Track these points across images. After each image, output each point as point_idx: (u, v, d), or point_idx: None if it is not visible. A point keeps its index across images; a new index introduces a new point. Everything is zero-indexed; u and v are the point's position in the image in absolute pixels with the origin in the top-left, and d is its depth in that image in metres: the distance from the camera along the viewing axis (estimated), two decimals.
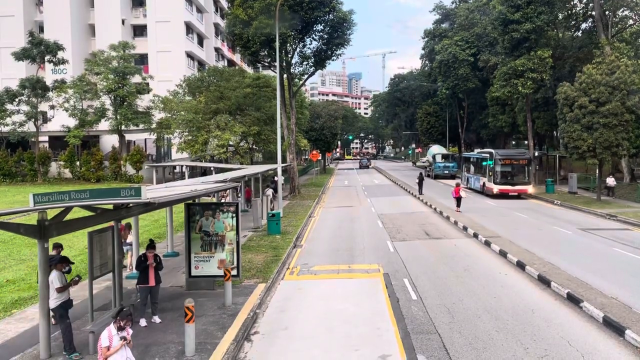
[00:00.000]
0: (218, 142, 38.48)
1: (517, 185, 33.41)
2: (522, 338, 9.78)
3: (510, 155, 34.77)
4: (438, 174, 52.70)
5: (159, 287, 10.92)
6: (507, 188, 33.25)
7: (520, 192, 33.55)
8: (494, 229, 21.49)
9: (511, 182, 33.51)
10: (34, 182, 42.41)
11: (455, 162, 54.09)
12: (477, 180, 37.67)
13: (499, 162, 33.41)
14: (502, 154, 34.64)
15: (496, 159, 33.55)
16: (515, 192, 33.37)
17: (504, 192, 33.17)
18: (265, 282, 13.76)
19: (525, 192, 33.54)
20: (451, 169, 53.13)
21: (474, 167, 39.62)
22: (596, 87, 28.10)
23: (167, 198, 8.57)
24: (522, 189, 33.51)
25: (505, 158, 33.89)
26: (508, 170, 33.81)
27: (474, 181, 38.72)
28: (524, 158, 34.31)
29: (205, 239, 13.05)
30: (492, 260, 16.56)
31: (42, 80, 42.82)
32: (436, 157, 54.33)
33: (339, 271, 15.45)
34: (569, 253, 17.05)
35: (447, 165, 53.58)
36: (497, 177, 33.52)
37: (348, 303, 12.28)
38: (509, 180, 33.57)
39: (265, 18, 32.72)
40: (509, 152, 36.60)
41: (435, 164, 53.90)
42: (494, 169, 33.54)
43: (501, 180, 33.47)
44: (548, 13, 37.63)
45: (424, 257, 16.99)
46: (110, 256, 11.03)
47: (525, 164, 33.94)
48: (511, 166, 33.81)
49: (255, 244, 19.36)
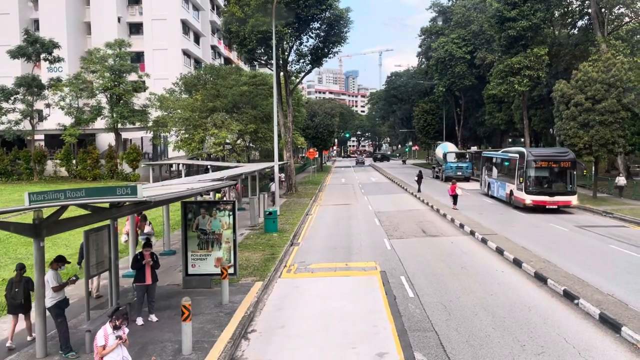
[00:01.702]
0: (215, 140, 38.40)
1: (557, 195, 26.06)
2: (518, 335, 9.80)
3: (547, 156, 26.83)
4: (450, 175, 45.50)
5: (155, 286, 10.90)
6: (543, 199, 25.98)
7: (561, 204, 26.16)
8: (490, 227, 21.53)
9: (549, 192, 26.17)
10: (30, 180, 42.24)
11: (470, 162, 47.72)
12: (502, 187, 30.51)
13: (533, 164, 26.14)
14: (537, 154, 27.22)
15: (529, 160, 26.28)
16: (554, 204, 25.98)
17: (539, 204, 25.99)
18: (263, 280, 13.74)
19: (568, 204, 26.18)
20: (465, 170, 46.52)
21: (498, 170, 32.22)
22: (592, 84, 28.14)
23: (163, 196, 8.53)
24: (563, 201, 26.06)
25: (541, 159, 26.33)
26: (545, 175, 26.44)
27: (498, 188, 31.66)
28: (566, 159, 26.21)
29: (202, 237, 13.03)
30: (488, 257, 16.59)
31: (38, 78, 42.58)
32: (447, 157, 47.60)
33: (336, 269, 15.45)
34: (565, 250, 17.10)
35: (460, 165, 46.76)
36: (531, 184, 26.27)
37: (345, 301, 12.28)
38: (545, 189, 26.28)
39: (262, 15, 32.63)
40: (545, 152, 28.26)
41: (446, 164, 47.11)
42: (527, 173, 26.26)
43: (536, 188, 26.23)
44: (544, 10, 37.72)
45: (421, 255, 17.00)
46: (106, 255, 11.04)
47: (568, 166, 26.10)
48: (549, 170, 26.30)
49: (252, 242, 19.34)
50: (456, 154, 48.68)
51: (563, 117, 29.26)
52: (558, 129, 30.13)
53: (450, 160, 47.15)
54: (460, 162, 47.17)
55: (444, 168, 47.60)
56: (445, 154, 48.05)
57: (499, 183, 31.46)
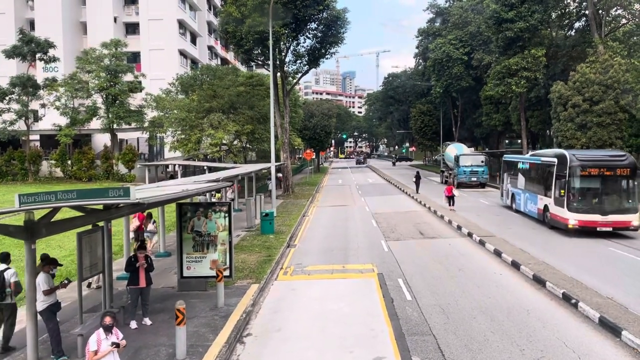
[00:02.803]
0: (211, 141, 38.20)
1: (612, 213, 19.31)
2: (517, 339, 9.68)
3: (598, 160, 19.92)
4: (463, 181, 40.78)
5: (149, 289, 10.74)
6: (593, 219, 19.35)
7: (618, 225, 19.38)
8: (487, 228, 21.42)
9: (601, 209, 19.47)
10: (25, 181, 41.93)
11: (486, 166, 41.59)
12: (532, 201, 23.60)
13: (579, 171, 19.47)
14: (583, 157, 20.05)
15: (573, 166, 19.60)
16: (608, 225, 19.30)
17: (587, 225, 19.36)
18: (259, 283, 13.59)
19: (627, 225, 19.33)
20: (480, 175, 40.95)
21: (527, 178, 24.73)
22: (590, 86, 28.15)
23: (156, 198, 8.36)
24: (620, 221, 19.32)
25: (590, 165, 19.61)
26: (595, 186, 19.73)
27: (526, 201, 24.61)
28: (623, 164, 19.60)
29: (197, 239, 12.89)
30: (486, 259, 16.48)
31: (33, 78, 42.29)
32: (460, 160, 41.50)
33: (332, 271, 15.31)
34: (563, 252, 17.01)
35: (474, 170, 40.92)
36: (575, 199, 19.61)
37: (342, 303, 12.15)
38: (596, 205, 19.65)
39: (259, 15, 32.48)
40: (595, 155, 20.84)
41: (459, 169, 41.24)
42: (570, 183, 19.58)
43: (583, 204, 19.62)
44: (542, 12, 37.67)
45: (419, 257, 16.88)
46: (100, 257, 10.87)
47: (627, 174, 19.54)
48: (601, 179, 19.55)
49: (248, 243, 19.18)
50: (470, 157, 42.51)
51: (561, 118, 29.26)
52: (556, 130, 30.13)
53: (464, 164, 41.17)
54: (475, 166, 41.17)
55: (456, 172, 41.77)
56: (458, 156, 42.00)
57: (528, 195, 24.35)
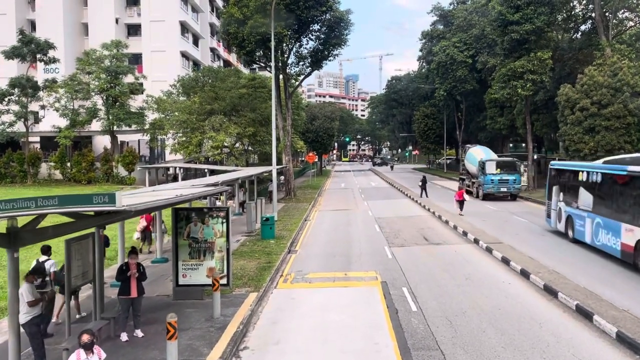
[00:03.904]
0: (212, 144, 37.74)
1: None
2: (530, 356, 9.11)
3: None
4: (490, 192, 33.71)
5: (141, 299, 10.19)
6: None
7: None
8: (494, 234, 20.80)
9: None
10: (24, 183, 41.45)
11: (518, 174, 34.87)
12: (611, 231, 15.82)
13: None
14: None
15: None
16: None
17: None
18: (257, 291, 13.05)
19: None
20: (512, 185, 33.89)
21: (599, 195, 16.99)
22: (598, 89, 27.60)
23: (145, 205, 7.80)
24: None
25: None
26: None
27: (596, 230, 16.89)
28: None
29: (193, 245, 12.37)
30: (494, 267, 15.89)
31: (32, 79, 41.87)
32: (486, 166, 34.13)
33: (334, 279, 14.76)
34: (574, 260, 16.40)
35: (504, 178, 33.69)
36: None
37: (344, 314, 11.60)
38: None
39: (261, 17, 32.03)
40: None
41: (485, 177, 33.97)
42: None
43: None
44: (548, 14, 37.08)
45: (424, 264, 16.32)
46: (91, 265, 10.37)
47: None
48: None
49: (248, 249, 18.66)
50: (497, 163, 34.76)
51: (568, 122, 28.69)
52: (563, 134, 29.55)
53: (491, 171, 33.92)
54: (505, 174, 33.94)
55: (481, 182, 34.52)
56: (484, 162, 34.54)
57: (601, 221, 16.53)
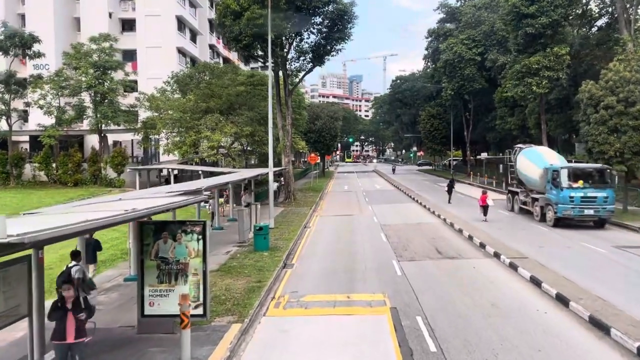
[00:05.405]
0: (208, 144, 35.55)
1: None
2: None
3: None
4: (568, 215, 22.83)
5: (82, 344, 7.79)
6: None
7: None
8: (515, 247, 18.50)
9: None
10: (7, 185, 38.99)
11: (612, 190, 23.49)
12: None
13: None
14: None
15: None
16: None
17: None
18: (241, 322, 10.78)
19: None
20: (602, 206, 22.80)
21: None
22: (625, 85, 25.20)
23: (57, 232, 5.35)
24: None
25: None
26: None
27: None
28: None
29: (162, 267, 10.09)
30: (522, 289, 13.56)
31: (15, 74, 39.47)
32: (561, 177, 23.28)
33: (335, 303, 12.47)
34: (615, 280, 14.05)
35: (591, 195, 22.77)
36: None
37: (346, 354, 9.34)
38: None
39: (258, 8, 29.84)
40: None
41: (560, 193, 23.10)
42: None
43: None
44: (565, 6, 34.80)
45: (439, 284, 14.03)
46: (25, 297, 8.13)
47: None
48: None
49: (237, 263, 16.41)
50: (582, 172, 23.99)
51: (591, 121, 26.29)
52: (585, 134, 27.12)
53: (569, 185, 23.03)
54: (593, 188, 23.02)
55: (552, 199, 23.75)
56: (558, 170, 23.66)
57: None
